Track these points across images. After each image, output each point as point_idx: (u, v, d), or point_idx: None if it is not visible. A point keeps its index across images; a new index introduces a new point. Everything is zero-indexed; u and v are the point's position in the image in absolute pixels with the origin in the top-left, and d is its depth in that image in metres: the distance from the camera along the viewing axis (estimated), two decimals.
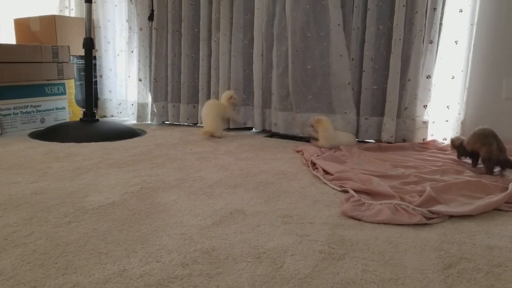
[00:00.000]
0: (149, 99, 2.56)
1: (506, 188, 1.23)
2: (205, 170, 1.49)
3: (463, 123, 1.95)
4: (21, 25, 2.62)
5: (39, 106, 2.28)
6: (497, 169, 1.48)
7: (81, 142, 1.91)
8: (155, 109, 2.51)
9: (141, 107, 2.55)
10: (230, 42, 2.28)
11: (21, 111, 2.19)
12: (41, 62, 2.26)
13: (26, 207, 1.09)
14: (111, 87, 2.72)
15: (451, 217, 1.08)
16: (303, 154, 1.71)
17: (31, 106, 2.25)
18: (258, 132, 2.29)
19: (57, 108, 2.37)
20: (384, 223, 1.03)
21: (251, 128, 2.36)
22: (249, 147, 1.89)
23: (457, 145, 1.64)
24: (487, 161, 1.46)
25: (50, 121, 2.33)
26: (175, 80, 2.46)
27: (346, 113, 2.02)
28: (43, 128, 2.18)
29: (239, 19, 2.24)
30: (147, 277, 0.75)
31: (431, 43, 1.88)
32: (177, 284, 0.73)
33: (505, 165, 1.45)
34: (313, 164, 1.55)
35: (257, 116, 2.25)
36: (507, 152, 1.45)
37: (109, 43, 2.68)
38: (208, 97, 2.37)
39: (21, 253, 0.84)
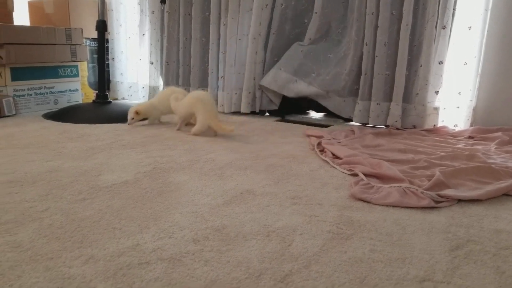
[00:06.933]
0: (160, 82, 2.57)
1: None
2: (216, 152, 1.50)
3: (474, 109, 1.94)
4: (35, 7, 2.64)
5: (53, 87, 2.31)
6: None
7: (94, 124, 1.94)
8: None
9: (152, 90, 2.57)
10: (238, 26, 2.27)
11: (35, 92, 2.23)
12: (55, 44, 2.28)
13: (42, 184, 1.12)
14: (122, 70, 2.74)
15: (460, 201, 1.08)
16: (311, 139, 1.72)
17: (45, 87, 2.27)
18: (269, 116, 2.30)
19: (70, 90, 2.40)
20: (393, 206, 1.04)
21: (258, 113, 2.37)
22: (259, 131, 1.91)
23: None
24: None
25: (63, 103, 2.36)
26: (186, 64, 2.47)
27: None
28: (57, 109, 2.21)
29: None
30: (160, 252, 0.78)
31: (444, 28, 1.86)
32: (189, 259, 0.75)
33: None
34: (321, 150, 1.56)
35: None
36: None
37: (121, 26, 2.69)
38: (217, 81, 2.38)
39: (38, 227, 0.86)
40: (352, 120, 2.14)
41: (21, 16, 2.74)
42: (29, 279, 0.68)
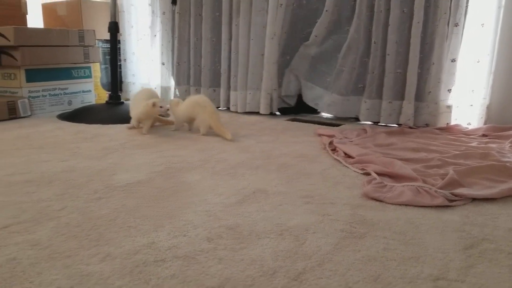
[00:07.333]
0: (172, 82, 2.59)
1: None
2: (227, 152, 1.51)
3: (488, 107, 1.92)
4: (48, 9, 2.68)
5: (67, 88, 2.34)
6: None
7: (107, 124, 1.96)
8: (177, 93, 2.55)
9: (164, 91, 2.59)
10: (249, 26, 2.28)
11: (49, 94, 2.26)
12: (68, 46, 2.31)
13: (58, 184, 1.14)
14: (134, 71, 2.76)
15: (474, 200, 1.08)
16: (322, 138, 1.72)
17: (59, 88, 2.31)
18: (280, 116, 2.30)
19: (83, 91, 2.43)
20: (406, 205, 1.04)
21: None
22: (270, 130, 1.91)
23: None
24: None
25: (77, 104, 2.39)
26: (197, 64, 2.48)
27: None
28: (71, 110, 2.24)
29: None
30: (175, 249, 0.79)
31: (456, 26, 1.84)
32: (203, 257, 0.76)
33: None
34: (333, 149, 1.56)
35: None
36: None
37: (132, 27, 2.71)
38: (229, 81, 2.39)
39: (55, 226, 0.88)
40: (359, 119, 2.14)
41: (35, 19, 2.78)
42: (48, 276, 0.69)
